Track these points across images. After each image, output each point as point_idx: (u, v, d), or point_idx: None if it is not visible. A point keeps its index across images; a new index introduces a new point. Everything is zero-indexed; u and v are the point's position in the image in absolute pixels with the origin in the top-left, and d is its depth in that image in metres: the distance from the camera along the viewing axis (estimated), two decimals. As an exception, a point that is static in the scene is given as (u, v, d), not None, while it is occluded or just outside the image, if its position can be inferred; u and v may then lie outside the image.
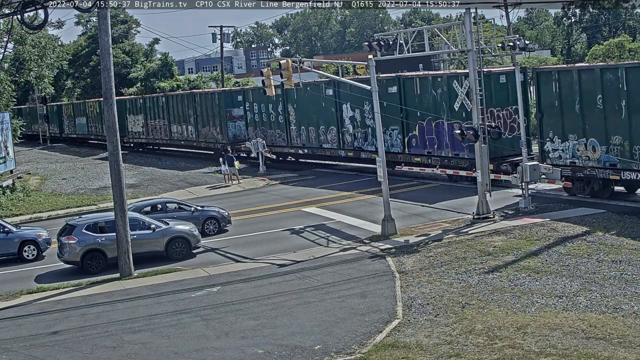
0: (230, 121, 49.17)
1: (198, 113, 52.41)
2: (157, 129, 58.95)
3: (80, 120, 74.55)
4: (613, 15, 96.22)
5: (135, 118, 62.44)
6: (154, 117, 59.30)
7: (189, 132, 54.21)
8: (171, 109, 56.19)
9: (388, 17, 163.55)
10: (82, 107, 75.22)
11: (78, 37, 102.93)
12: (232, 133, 49.25)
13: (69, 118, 78.29)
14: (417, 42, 28.68)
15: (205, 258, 25.07)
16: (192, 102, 53.13)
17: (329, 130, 40.78)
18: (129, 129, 63.00)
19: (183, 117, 54.62)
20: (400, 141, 35.80)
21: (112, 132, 23.51)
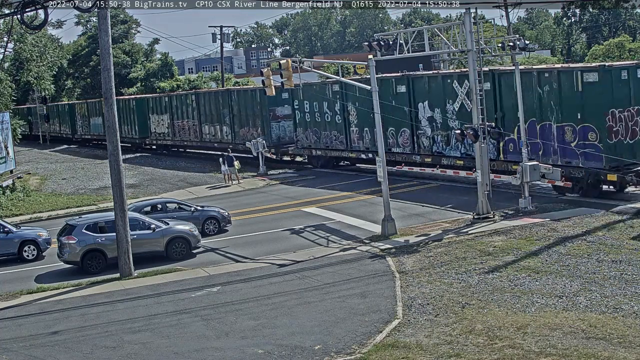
0: (274, 121, 44.97)
1: (235, 112, 48.04)
2: (185, 129, 54.64)
3: (96, 121, 69.37)
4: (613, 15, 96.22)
5: (159, 118, 58.10)
6: (182, 117, 54.88)
7: (224, 134, 49.72)
8: (202, 107, 51.84)
9: (388, 17, 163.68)
10: (98, 105, 68.75)
11: (78, 37, 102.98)
12: (276, 134, 45.12)
13: (82, 118, 73.52)
14: (417, 42, 28.68)
15: (205, 258, 25.07)
16: (228, 100, 48.50)
17: (400, 132, 35.67)
18: (152, 130, 59.17)
19: (217, 116, 50.21)
20: (494, 146, 30.43)
21: (112, 132, 23.53)
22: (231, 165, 40.16)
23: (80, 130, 74.26)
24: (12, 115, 48.10)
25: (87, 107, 72.26)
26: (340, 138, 39.90)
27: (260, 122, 45.60)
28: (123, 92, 78.06)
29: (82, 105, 74.52)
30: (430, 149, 34.23)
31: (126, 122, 61.90)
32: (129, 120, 61.86)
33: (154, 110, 58.55)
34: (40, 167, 54.87)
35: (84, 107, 73.06)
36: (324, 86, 40.78)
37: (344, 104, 38.88)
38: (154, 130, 58.96)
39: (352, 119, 38.87)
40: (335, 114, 40.04)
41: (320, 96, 39.51)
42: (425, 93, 34.05)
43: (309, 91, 40.94)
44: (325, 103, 40.28)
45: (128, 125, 61.96)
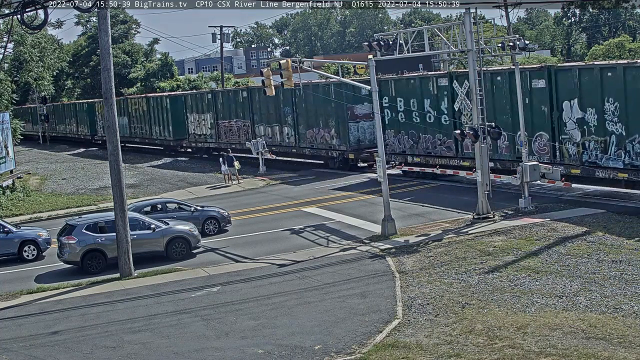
0: (352, 121, 39.15)
1: (300, 110, 42.15)
2: (233, 130, 48.81)
3: (121, 120, 61.81)
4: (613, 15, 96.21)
5: (199, 117, 52.61)
6: (229, 116, 49.30)
7: (286, 136, 43.97)
8: (257, 105, 46.23)
9: (388, 17, 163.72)
10: (122, 104, 63.68)
11: (78, 37, 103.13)
12: (354, 137, 39.34)
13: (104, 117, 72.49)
14: (417, 42, 28.66)
15: (205, 258, 25.07)
16: (292, 97, 42.44)
17: (535, 137, 29.14)
18: (191, 131, 53.90)
19: (275, 116, 44.47)
20: None
21: (112, 132, 23.55)
22: (231, 165, 40.16)
23: (102, 131, 67.46)
24: (12, 116, 48.11)
25: None
26: (448, 143, 32.93)
27: (334, 122, 39.99)
28: (123, 92, 78.08)
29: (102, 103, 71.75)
30: (578, 158, 27.75)
31: (158, 122, 57.85)
32: (162, 120, 57.38)
33: (194, 109, 53.29)
34: (40, 167, 54.89)
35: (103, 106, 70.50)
36: (425, 80, 34.25)
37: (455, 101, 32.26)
38: (192, 131, 53.80)
39: (464, 119, 31.68)
40: (441, 114, 33.22)
41: (420, 91, 33.75)
42: (574, 89, 27.64)
43: (405, 86, 34.99)
44: (427, 100, 33.62)
45: (160, 125, 57.72)
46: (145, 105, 59.96)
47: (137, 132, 61.94)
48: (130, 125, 63.06)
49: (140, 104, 61.02)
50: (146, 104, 59.60)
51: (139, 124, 61.32)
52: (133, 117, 62.36)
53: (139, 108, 61.21)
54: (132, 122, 62.70)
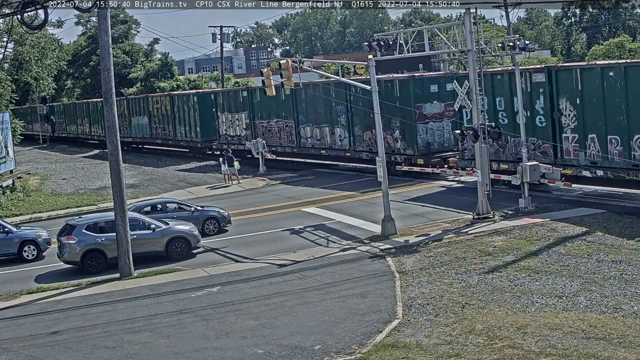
0: (421, 122, 34.24)
1: (356, 110, 37.75)
2: (274, 132, 44.74)
3: (140, 120, 60.34)
4: (613, 15, 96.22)
5: (233, 117, 48.33)
6: (268, 116, 45.15)
7: (337, 138, 39.58)
8: (302, 104, 41.98)
9: (388, 17, 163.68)
10: (142, 103, 59.90)
11: (78, 37, 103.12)
12: (423, 140, 34.36)
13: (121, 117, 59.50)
14: (417, 42, 28.66)
15: (205, 258, 25.07)
16: (346, 94, 37.55)
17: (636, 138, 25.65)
18: (222, 132, 49.43)
19: (325, 116, 40.05)
20: None
21: (112, 132, 23.54)
22: (231, 165, 40.16)
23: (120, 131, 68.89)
24: (12, 116, 48.12)
25: (128, 104, 62.26)
26: (544, 147, 29.07)
27: (398, 122, 35.08)
28: (123, 92, 78.02)
29: (121, 102, 62.18)
30: None
31: (183, 122, 53.65)
32: (188, 119, 53.15)
33: (225, 108, 48.72)
34: (40, 167, 54.89)
35: (123, 104, 61.87)
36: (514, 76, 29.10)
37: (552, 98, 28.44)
38: (223, 132, 49.24)
39: (566, 120, 28.07)
40: (535, 114, 29.11)
41: (507, 88, 29.69)
42: None
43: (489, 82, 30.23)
44: (515, 98, 29.07)
45: (186, 125, 53.53)
46: (168, 103, 55.57)
47: (159, 132, 57.67)
48: (151, 125, 58.72)
49: (163, 102, 56.56)
50: (170, 103, 55.32)
51: (162, 124, 57.01)
52: (154, 116, 57.97)
53: (161, 107, 56.85)
54: (154, 122, 58.37)
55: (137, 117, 60.78)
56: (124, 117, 61.73)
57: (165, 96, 57.37)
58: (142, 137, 60.87)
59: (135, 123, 61.38)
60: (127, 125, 62.14)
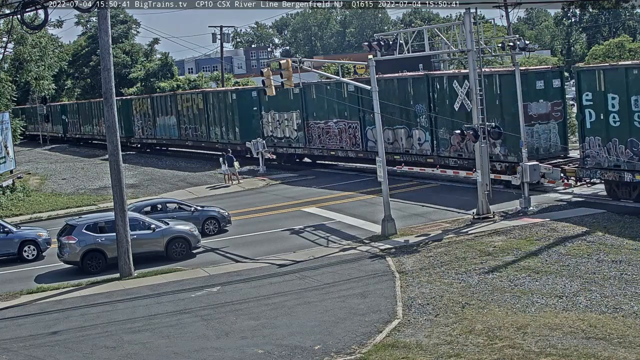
0: (526, 124, 28.44)
1: (442, 109, 32.70)
2: (332, 133, 39.59)
3: (166, 120, 55.41)
4: (613, 15, 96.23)
5: (280, 117, 43.52)
6: (325, 116, 39.90)
7: (416, 141, 34.39)
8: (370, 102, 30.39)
9: (388, 17, 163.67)
10: (169, 101, 54.79)
11: (78, 37, 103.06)
12: (529, 144, 28.62)
13: (144, 117, 58.64)
14: (417, 42, 28.66)
15: (205, 258, 25.07)
16: (428, 92, 33.27)
17: None
18: (267, 133, 44.61)
19: (401, 115, 34.35)
20: None
21: (112, 132, 23.55)
22: (231, 165, 40.16)
23: (140, 132, 59.66)
24: (12, 116, 48.12)
25: (153, 103, 57.24)
26: None
27: (498, 124, 29.51)
28: (123, 92, 77.94)
29: (144, 100, 58.11)
30: None
31: (219, 122, 48.74)
32: (225, 119, 48.31)
33: (272, 106, 43.82)
34: (40, 167, 54.88)
35: (146, 102, 57.30)
36: None
37: None
38: (269, 134, 44.64)
39: None
40: None
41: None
42: None
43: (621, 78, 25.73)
44: None
45: (222, 126, 48.65)
46: (201, 101, 50.44)
47: (190, 134, 52.61)
48: (180, 126, 53.69)
49: (194, 100, 51.54)
50: (203, 101, 50.28)
51: (193, 125, 51.97)
52: (184, 116, 53.02)
53: (192, 105, 51.83)
54: (183, 122, 53.32)
55: (163, 116, 56.04)
56: (147, 117, 58.10)
57: (198, 94, 52.44)
58: (169, 139, 56.07)
59: (160, 123, 56.50)
60: (151, 126, 57.70)
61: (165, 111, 55.80)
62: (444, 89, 32.80)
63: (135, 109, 60.02)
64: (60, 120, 74.96)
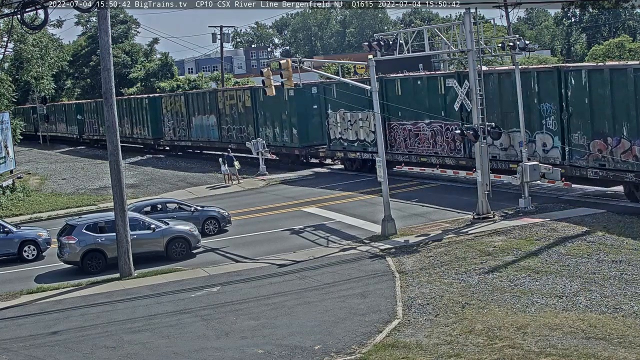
0: None
1: (578, 109, 27.22)
2: (424, 137, 33.69)
3: (205, 120, 50.73)
4: (613, 15, 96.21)
5: (353, 117, 37.34)
6: (413, 115, 33.72)
7: (540, 147, 28.91)
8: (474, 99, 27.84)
9: (388, 17, 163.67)
10: (207, 99, 50.06)
11: (78, 37, 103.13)
12: None
13: (176, 116, 53.94)
14: (417, 42, 28.66)
15: (205, 258, 25.07)
16: (559, 87, 27.83)
17: None
18: (334, 135, 39.12)
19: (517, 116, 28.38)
20: None
21: (112, 132, 23.54)
22: (231, 165, 40.16)
23: (171, 133, 55.07)
24: (12, 116, 48.11)
25: (187, 100, 52.53)
26: None
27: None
28: (123, 92, 77.96)
29: (177, 98, 53.43)
30: None
31: (271, 122, 43.87)
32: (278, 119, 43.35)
33: (341, 104, 38.02)
34: (40, 167, 54.89)
35: (179, 100, 52.89)
36: None
37: None
38: (337, 136, 39.20)
39: None
40: None
41: None
42: None
43: None
44: None
45: (275, 127, 43.91)
46: (248, 99, 45.61)
47: (234, 136, 47.88)
48: (222, 127, 49.08)
49: (240, 97, 46.66)
50: (251, 98, 45.42)
51: (237, 125, 47.34)
52: (226, 115, 48.34)
53: (237, 103, 47.03)
54: (224, 122, 48.75)
55: (200, 116, 51.20)
56: (180, 117, 53.49)
57: (245, 90, 47.28)
58: (207, 141, 50.89)
59: (197, 124, 51.69)
60: (184, 127, 53.00)
61: (203, 110, 50.98)
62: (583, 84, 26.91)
63: (165, 107, 55.48)
64: (76, 121, 70.27)
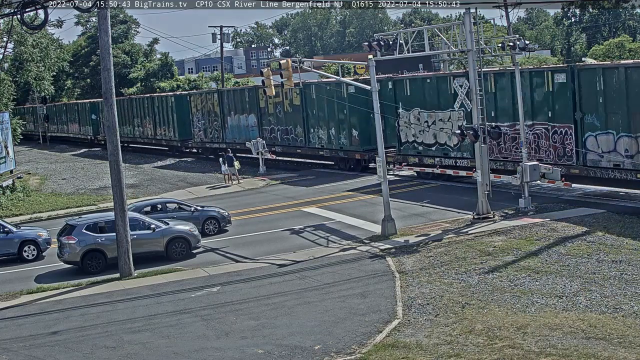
0: None
1: None
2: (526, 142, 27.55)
3: (242, 120, 46.73)
4: (613, 15, 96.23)
5: (432, 117, 32.54)
6: (509, 116, 29.40)
7: None
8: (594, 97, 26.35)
9: (388, 17, 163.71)
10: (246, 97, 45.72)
11: (78, 37, 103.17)
12: None
13: (208, 116, 49.74)
14: (417, 42, 28.65)
15: (205, 258, 25.07)
16: None
17: None
18: (405, 138, 34.58)
19: None
20: None
21: (112, 132, 23.55)
22: (231, 166, 40.17)
23: (202, 134, 50.72)
24: (12, 116, 48.11)
25: (221, 98, 48.53)
26: None
27: None
28: (123, 92, 77.98)
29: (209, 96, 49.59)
30: None
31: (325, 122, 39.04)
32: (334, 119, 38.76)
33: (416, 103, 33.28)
34: (40, 167, 54.88)
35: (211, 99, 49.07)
36: None
37: None
38: (409, 139, 34.21)
39: None
40: None
41: None
42: None
43: None
44: None
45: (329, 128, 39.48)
46: (297, 96, 41.48)
47: (278, 137, 44.01)
48: (263, 127, 45.02)
49: (286, 95, 42.39)
50: (300, 95, 41.08)
51: (283, 126, 43.39)
52: (269, 115, 44.34)
53: (282, 102, 42.91)
54: (267, 122, 44.70)
55: (237, 115, 47.16)
56: (213, 116, 49.48)
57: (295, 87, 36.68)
58: (244, 143, 45.36)
59: (233, 124, 47.71)
60: (218, 127, 48.90)
61: (240, 109, 46.83)
62: None
63: (195, 106, 51.38)
64: (90, 121, 66.81)
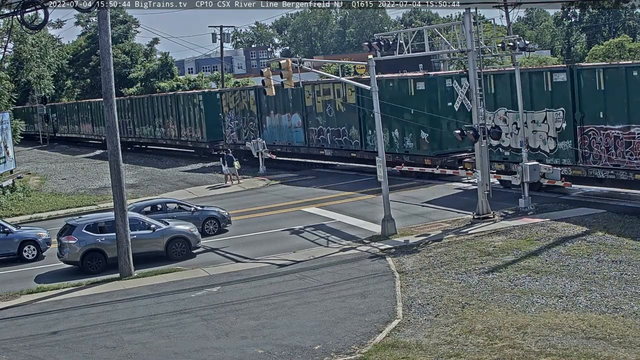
0: None
1: None
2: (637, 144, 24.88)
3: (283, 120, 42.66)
4: (613, 15, 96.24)
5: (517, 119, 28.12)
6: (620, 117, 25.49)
7: None
8: None
9: (388, 17, 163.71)
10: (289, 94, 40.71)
11: (78, 37, 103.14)
12: None
13: (242, 115, 45.91)
14: (417, 42, 28.64)
15: (205, 258, 25.07)
16: None
17: None
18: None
19: None
20: None
21: (112, 132, 23.56)
22: (231, 166, 40.17)
23: (235, 136, 46.86)
24: (12, 116, 48.11)
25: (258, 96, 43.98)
26: None
27: None
28: (123, 92, 77.99)
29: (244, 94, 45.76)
30: None
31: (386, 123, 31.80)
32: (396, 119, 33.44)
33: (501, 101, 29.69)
34: (40, 167, 54.89)
35: (246, 96, 45.27)
36: None
37: None
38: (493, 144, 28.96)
39: None
40: None
41: None
42: None
43: None
44: None
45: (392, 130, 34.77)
46: (351, 94, 37.09)
47: (328, 140, 39.53)
48: (309, 128, 40.65)
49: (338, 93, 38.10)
50: (355, 94, 36.44)
51: (333, 127, 38.97)
52: (317, 114, 39.80)
53: (333, 99, 38.47)
54: (314, 123, 40.21)
55: (278, 115, 43.15)
56: (248, 116, 45.49)
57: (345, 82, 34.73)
58: (287, 145, 42.53)
59: (272, 124, 43.69)
60: (254, 128, 45.11)
61: (282, 108, 42.70)
62: None
63: (227, 105, 47.23)
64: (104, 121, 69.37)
